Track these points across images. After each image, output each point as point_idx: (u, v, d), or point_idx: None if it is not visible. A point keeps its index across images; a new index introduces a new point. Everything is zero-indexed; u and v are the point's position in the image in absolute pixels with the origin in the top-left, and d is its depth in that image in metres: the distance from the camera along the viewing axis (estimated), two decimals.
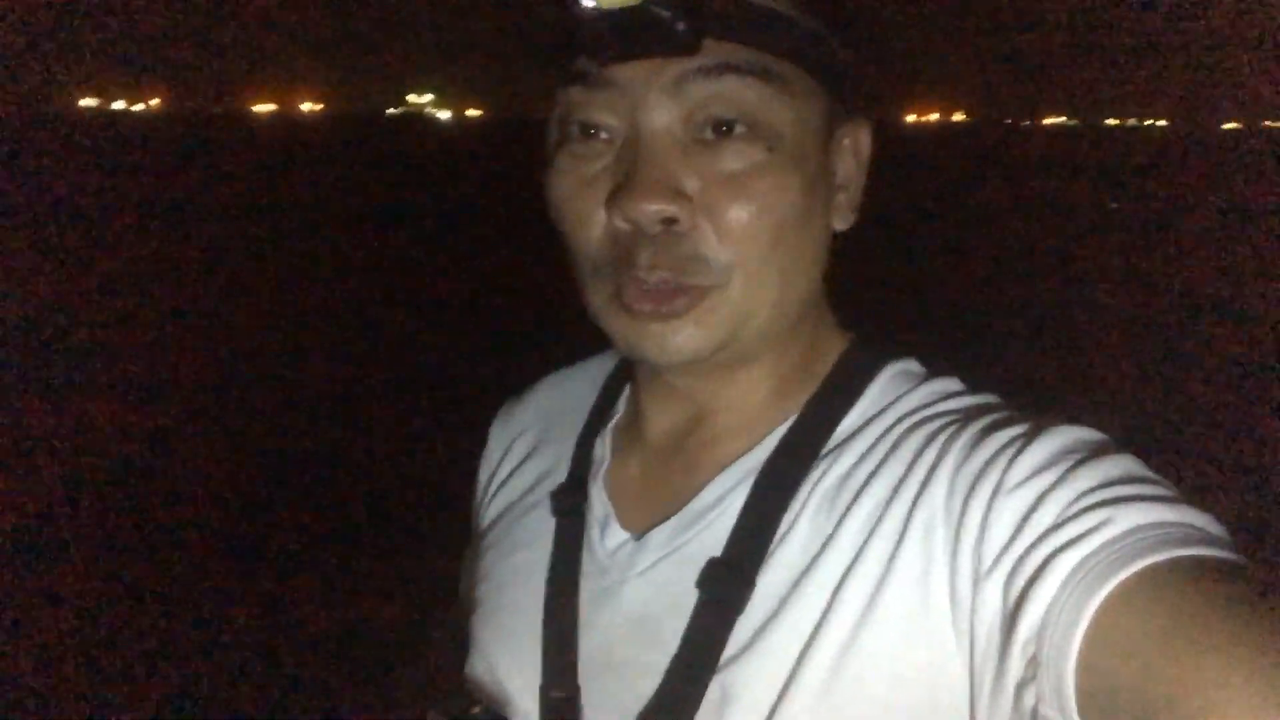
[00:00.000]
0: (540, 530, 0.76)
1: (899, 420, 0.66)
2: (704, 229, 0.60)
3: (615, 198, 0.60)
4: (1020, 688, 0.50)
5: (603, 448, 0.76)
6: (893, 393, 0.68)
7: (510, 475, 0.84)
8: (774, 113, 0.60)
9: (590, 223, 0.63)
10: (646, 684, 0.64)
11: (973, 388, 0.69)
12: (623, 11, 0.56)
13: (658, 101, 0.60)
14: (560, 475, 0.78)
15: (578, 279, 0.66)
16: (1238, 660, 0.41)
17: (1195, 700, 0.41)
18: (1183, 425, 5.06)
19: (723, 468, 0.68)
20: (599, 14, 0.57)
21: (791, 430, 0.68)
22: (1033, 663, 0.49)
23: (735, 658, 0.61)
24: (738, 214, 0.60)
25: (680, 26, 0.56)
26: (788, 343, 0.69)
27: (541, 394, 0.89)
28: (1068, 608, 0.48)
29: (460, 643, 0.79)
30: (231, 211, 14.87)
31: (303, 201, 16.81)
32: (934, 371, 0.71)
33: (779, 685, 0.59)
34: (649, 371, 0.72)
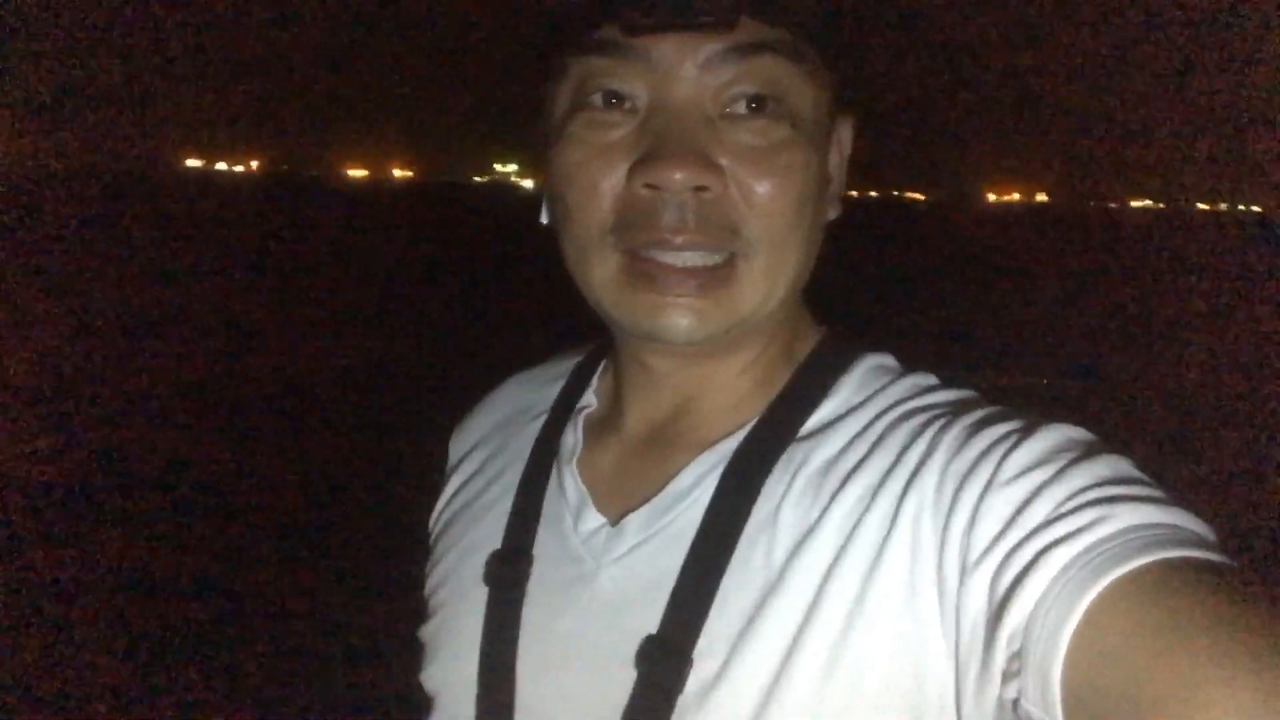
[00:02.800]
0: (498, 527, 0.74)
1: (884, 411, 0.65)
2: (734, 198, 0.61)
3: (645, 162, 0.60)
4: (1004, 681, 0.50)
5: (574, 435, 0.74)
6: (872, 384, 0.68)
7: (466, 481, 0.82)
8: (799, 93, 0.62)
9: (603, 188, 0.62)
10: (623, 672, 0.62)
11: (948, 383, 0.68)
12: None
13: (690, 75, 0.60)
14: (520, 469, 0.77)
15: (574, 255, 0.65)
16: (1227, 662, 0.41)
17: (1184, 701, 0.41)
18: None
19: (700, 451, 0.67)
20: None
21: (765, 415, 0.67)
22: (1017, 657, 0.49)
23: (722, 646, 0.60)
24: (765, 187, 0.61)
25: (723, 1, 0.57)
26: (776, 329, 0.69)
27: (499, 398, 0.87)
28: (1057, 605, 0.47)
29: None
30: (324, 265, 15.65)
31: (388, 258, 17.46)
32: (909, 366, 0.70)
33: (769, 677, 0.58)
34: (633, 359, 0.71)
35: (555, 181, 0.64)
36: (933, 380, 0.68)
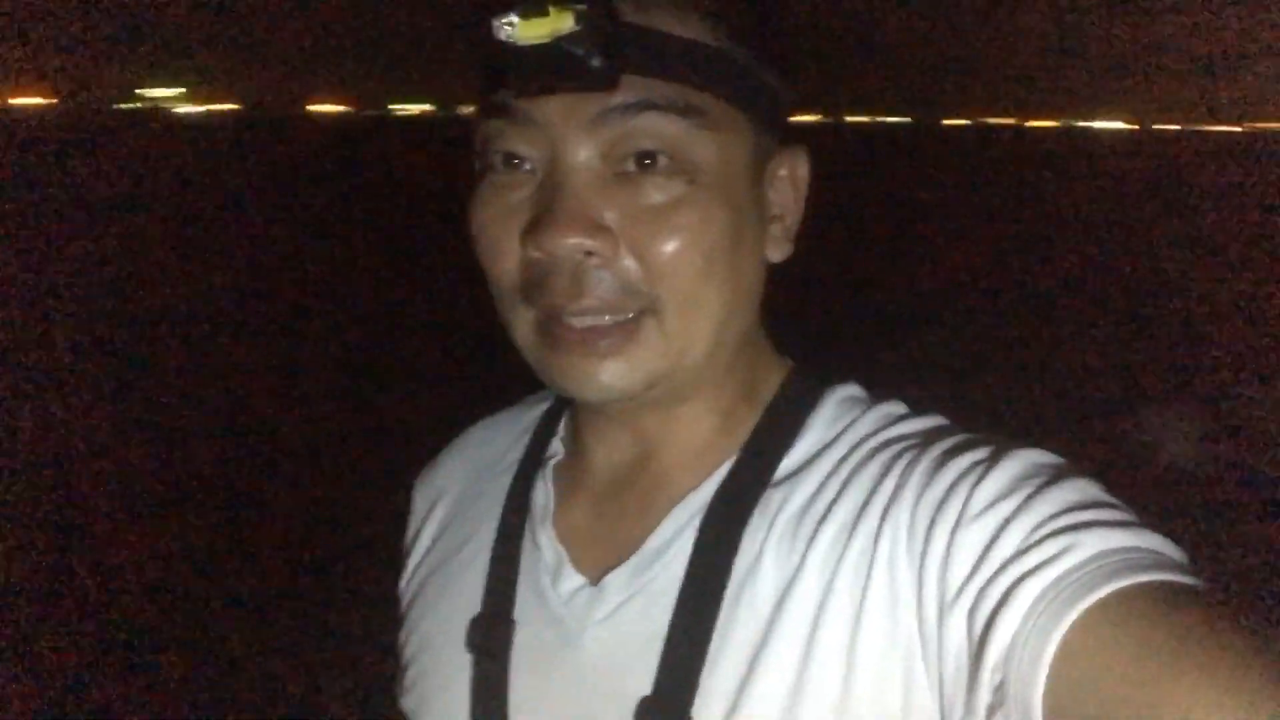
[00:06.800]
0: (476, 591, 0.74)
1: (855, 446, 0.65)
2: (627, 262, 0.60)
3: (532, 229, 0.60)
4: (989, 714, 0.51)
5: (545, 489, 0.74)
6: (842, 420, 0.68)
7: (437, 539, 0.81)
8: (695, 146, 0.60)
9: (506, 252, 0.62)
10: None
11: (917, 411, 0.69)
12: (537, 48, 0.56)
13: (576, 137, 0.59)
14: (494, 527, 0.76)
15: (499, 311, 0.66)
16: (1203, 685, 0.42)
17: None
18: None
19: (674, 504, 0.67)
20: (515, 49, 0.57)
21: (737, 463, 0.67)
22: (999, 690, 0.50)
23: (720, 703, 0.60)
24: (662, 247, 0.60)
25: (595, 63, 0.56)
26: (727, 375, 0.68)
27: (463, 449, 0.86)
28: (1033, 636, 0.48)
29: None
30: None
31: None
32: (876, 396, 0.71)
33: None
34: (589, 408, 0.71)
35: (471, 240, 0.65)
36: (901, 409, 0.69)
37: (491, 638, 0.70)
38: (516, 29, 0.56)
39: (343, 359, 6.97)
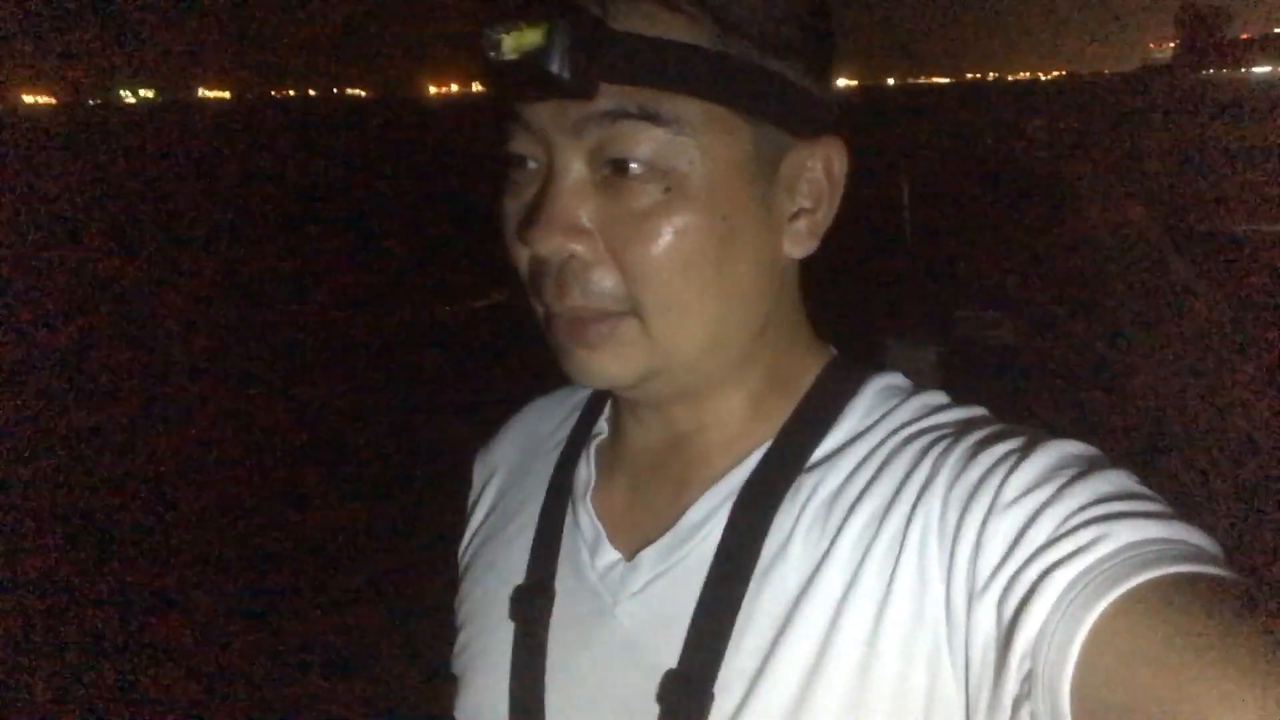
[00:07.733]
0: (521, 562, 0.77)
1: (890, 435, 0.66)
2: (607, 264, 0.61)
3: (521, 229, 0.62)
4: (1016, 705, 0.51)
5: (587, 467, 0.76)
6: (881, 407, 0.68)
7: (490, 512, 0.85)
8: (673, 154, 0.59)
9: (518, 247, 0.65)
10: (647, 707, 0.65)
11: (958, 401, 0.69)
12: (515, 63, 0.58)
13: (564, 142, 0.61)
14: (540, 502, 0.78)
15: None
16: (1234, 677, 0.42)
17: (1192, 718, 0.42)
18: None
19: (709, 485, 0.68)
20: (498, 63, 0.59)
21: (772, 448, 0.68)
22: (1028, 679, 0.50)
23: (740, 682, 0.62)
24: (637, 254, 0.60)
25: (565, 76, 0.56)
26: (751, 366, 0.69)
27: (520, 425, 0.89)
28: (1062, 625, 0.48)
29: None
30: None
31: None
32: (919, 386, 0.71)
33: (787, 713, 0.60)
34: (620, 392, 0.72)
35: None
36: (942, 399, 0.69)
37: (532, 608, 0.73)
38: (497, 44, 0.58)
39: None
